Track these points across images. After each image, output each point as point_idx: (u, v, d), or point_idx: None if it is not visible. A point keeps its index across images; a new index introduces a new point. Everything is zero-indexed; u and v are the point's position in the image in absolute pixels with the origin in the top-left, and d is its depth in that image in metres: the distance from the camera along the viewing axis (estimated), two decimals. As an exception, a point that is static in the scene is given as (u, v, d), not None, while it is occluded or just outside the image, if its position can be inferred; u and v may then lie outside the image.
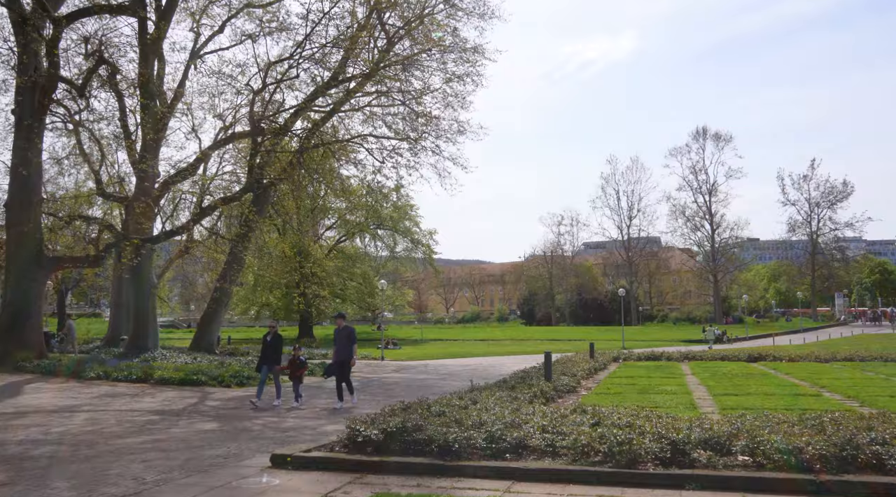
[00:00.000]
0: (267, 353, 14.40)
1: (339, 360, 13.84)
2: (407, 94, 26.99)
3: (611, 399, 13.68)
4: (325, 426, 10.97)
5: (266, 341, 14.51)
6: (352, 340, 13.90)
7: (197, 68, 26.61)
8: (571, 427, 8.06)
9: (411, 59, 25.48)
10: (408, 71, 26.64)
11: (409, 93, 26.25)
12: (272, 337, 14.45)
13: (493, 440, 7.49)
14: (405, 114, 27.33)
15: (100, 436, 10.01)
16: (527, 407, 9.69)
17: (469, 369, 24.92)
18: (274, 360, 14.29)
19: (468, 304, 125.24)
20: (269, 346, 14.42)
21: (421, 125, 27.12)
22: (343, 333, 13.89)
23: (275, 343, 14.42)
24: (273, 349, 14.38)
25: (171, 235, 26.15)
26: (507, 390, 12.67)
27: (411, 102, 26.80)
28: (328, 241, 54.52)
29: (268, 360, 14.27)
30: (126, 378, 18.66)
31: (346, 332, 13.89)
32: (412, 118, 27.16)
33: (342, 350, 13.84)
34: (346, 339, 13.83)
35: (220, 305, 29.46)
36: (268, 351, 14.40)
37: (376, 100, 27.57)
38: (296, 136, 24.51)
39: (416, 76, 26.86)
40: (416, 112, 26.84)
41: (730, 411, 11.65)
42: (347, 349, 13.79)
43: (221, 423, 11.33)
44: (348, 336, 13.85)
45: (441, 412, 8.86)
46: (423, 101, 27.21)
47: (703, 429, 7.45)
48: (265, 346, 14.55)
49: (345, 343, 13.81)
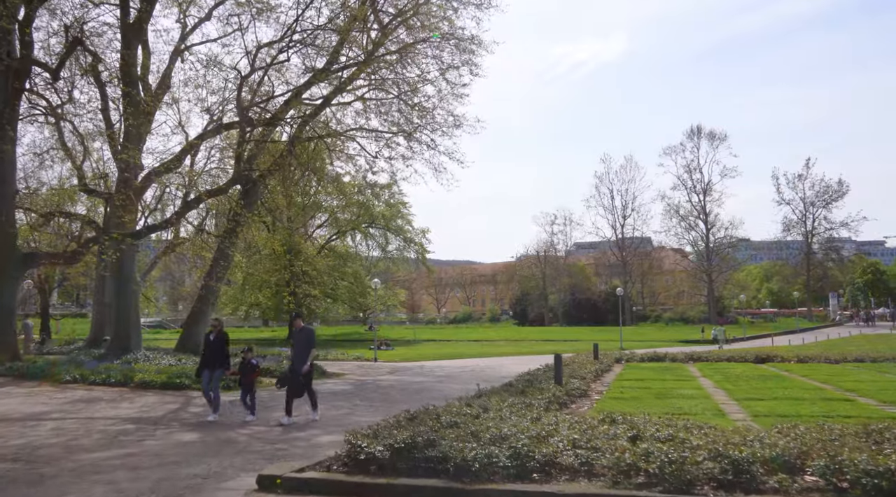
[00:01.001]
0: (209, 355, 12.25)
1: (297, 369, 11.69)
2: (402, 85, 26.00)
3: (628, 404, 12.63)
4: (320, 437, 9.85)
5: (208, 341, 12.46)
6: (310, 344, 11.80)
7: (184, 60, 25.42)
8: (605, 440, 6.99)
9: (407, 47, 24.39)
10: (403, 61, 25.62)
11: (404, 83, 25.16)
12: (216, 336, 12.34)
13: (519, 458, 6.39)
14: (400, 107, 26.40)
15: (64, 449, 8.85)
16: (548, 416, 8.60)
17: (467, 371, 23.88)
18: (219, 363, 12.16)
19: (459, 304, 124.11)
20: (211, 346, 12.33)
21: (416, 118, 26.18)
22: (302, 336, 11.82)
23: (219, 343, 12.31)
24: (217, 351, 12.23)
25: (155, 230, 24.88)
26: (518, 396, 11.59)
27: (406, 95, 25.83)
28: (319, 240, 53.33)
29: (210, 364, 12.13)
30: (104, 381, 17.50)
31: (305, 335, 11.83)
32: (407, 111, 26.22)
33: (301, 354, 11.67)
34: (305, 343, 11.73)
35: (208, 304, 28.20)
36: (210, 353, 12.25)
37: (370, 93, 26.61)
38: (288, 125, 23.30)
39: (412, 66, 25.85)
40: (411, 105, 25.87)
41: (763, 419, 10.65)
42: (307, 353, 11.69)
43: (203, 434, 10.18)
44: (308, 339, 11.79)
45: (453, 423, 7.75)
46: (418, 93, 26.26)
47: (764, 444, 6.37)
48: (207, 346, 12.47)
49: (304, 348, 11.69)
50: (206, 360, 12.22)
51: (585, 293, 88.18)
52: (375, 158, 26.69)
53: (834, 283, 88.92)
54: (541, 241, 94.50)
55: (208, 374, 12.09)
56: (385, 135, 26.76)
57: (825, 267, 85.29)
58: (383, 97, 26.53)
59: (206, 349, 12.42)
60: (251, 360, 12.41)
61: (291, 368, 11.72)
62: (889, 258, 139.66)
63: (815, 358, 25.17)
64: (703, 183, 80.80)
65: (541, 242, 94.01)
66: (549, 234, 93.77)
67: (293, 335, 11.97)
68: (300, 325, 11.97)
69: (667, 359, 26.40)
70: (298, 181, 29.95)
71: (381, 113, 26.78)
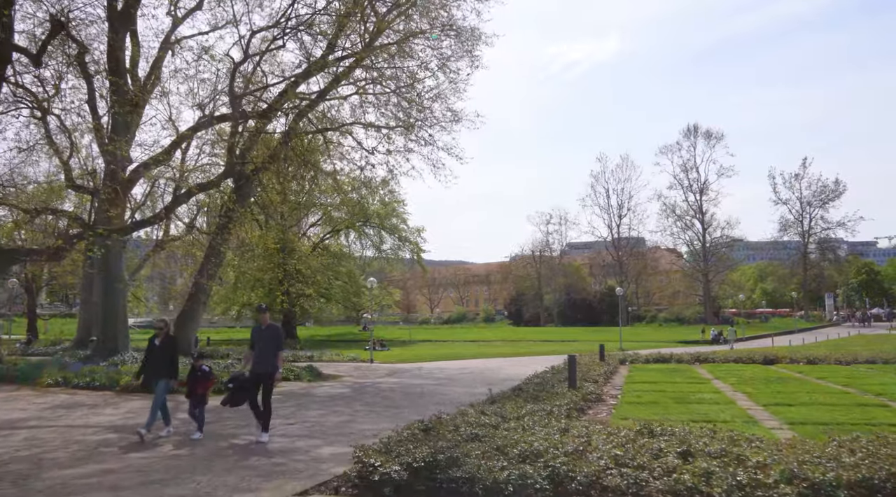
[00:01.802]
0: (153, 361, 10.17)
1: (258, 372, 9.76)
2: (401, 78, 25.17)
3: (648, 410, 11.82)
4: (321, 449, 8.94)
5: (152, 346, 10.30)
6: (278, 345, 9.96)
7: (174, 53, 24.47)
8: (650, 457, 6.14)
9: (407, 37, 23.52)
10: (401, 53, 24.77)
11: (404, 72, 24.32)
12: (162, 340, 10.20)
13: (558, 479, 5.54)
14: (398, 101, 25.63)
15: (35, 465, 7.92)
16: (576, 426, 7.74)
17: (468, 373, 23.03)
18: (165, 371, 10.05)
19: (453, 304, 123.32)
20: (156, 352, 10.20)
21: (415, 113, 25.40)
22: (267, 335, 9.91)
23: (166, 349, 10.20)
24: (162, 357, 10.12)
25: (143, 226, 23.92)
26: (534, 401, 10.75)
27: (404, 89, 25.04)
28: (313, 238, 52.39)
29: (155, 372, 10.08)
30: (88, 385, 16.55)
31: (271, 334, 9.94)
32: (405, 106, 25.44)
33: (264, 358, 9.76)
34: (270, 342, 9.85)
35: (199, 303, 27.22)
36: (154, 359, 10.16)
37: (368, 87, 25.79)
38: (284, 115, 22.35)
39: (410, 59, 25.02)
40: (409, 99, 25.11)
41: (801, 427, 9.84)
42: (272, 356, 9.80)
43: (192, 445, 9.26)
44: (274, 338, 9.92)
45: (474, 435, 6.89)
46: (416, 87, 25.46)
47: (842, 464, 5.53)
48: (150, 352, 10.33)
49: (269, 348, 9.82)
50: (149, 368, 10.18)
51: (581, 293, 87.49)
52: (372, 154, 25.95)
53: (829, 283, 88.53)
54: (536, 240, 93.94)
55: (164, 386, 10.03)
56: (383, 129, 26.00)
57: (821, 267, 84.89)
58: (380, 92, 25.81)
59: (149, 356, 10.31)
60: (202, 367, 10.47)
61: (252, 371, 9.83)
62: (881, 258, 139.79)
63: (824, 359, 24.55)
64: (699, 182, 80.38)
65: (536, 242, 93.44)
66: (545, 234, 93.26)
67: (256, 332, 9.99)
68: (267, 321, 10.09)
69: (672, 360, 25.72)
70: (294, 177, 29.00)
71: (379, 106, 26.01)
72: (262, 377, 9.73)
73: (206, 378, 10.38)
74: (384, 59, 24.94)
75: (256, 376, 9.76)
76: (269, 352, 9.78)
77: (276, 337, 9.97)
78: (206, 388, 10.31)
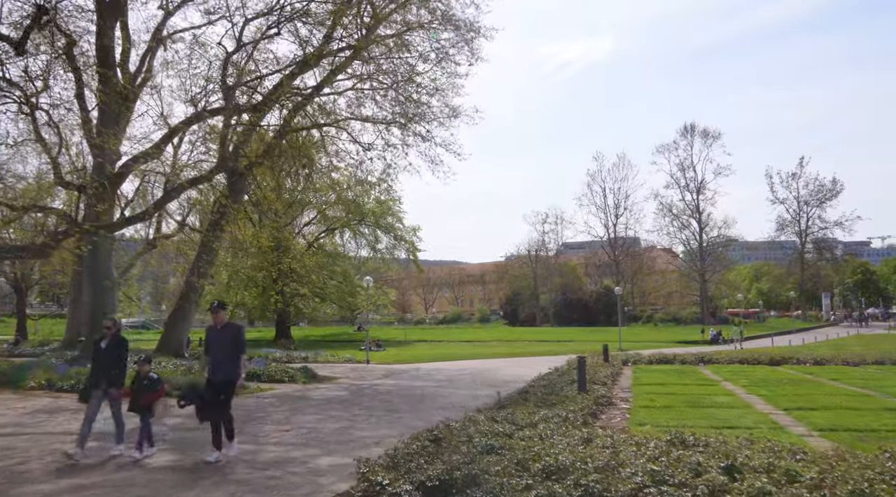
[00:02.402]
0: (101, 366, 8.61)
1: (215, 382, 8.22)
2: (399, 70, 24.55)
3: (664, 415, 11.20)
4: (319, 459, 8.25)
5: (98, 350, 8.78)
6: (239, 348, 8.38)
7: (166, 48, 23.73)
8: (688, 472, 5.49)
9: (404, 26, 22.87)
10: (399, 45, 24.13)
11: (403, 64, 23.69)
12: (109, 342, 8.71)
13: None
14: (395, 96, 25.04)
15: (6, 479, 7.22)
16: (601, 436, 7.08)
17: (467, 374, 22.38)
18: (112, 377, 8.51)
19: (447, 304, 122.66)
20: (103, 356, 8.66)
21: (412, 108, 24.82)
22: (225, 336, 8.38)
23: (113, 352, 8.65)
24: (110, 361, 8.58)
25: (132, 222, 23.15)
26: (545, 406, 10.10)
27: (401, 85, 24.45)
28: (308, 237, 51.65)
29: (102, 379, 8.51)
30: (73, 388, 15.72)
31: (230, 334, 8.41)
32: (402, 101, 24.85)
33: (223, 362, 8.24)
34: (229, 344, 8.31)
35: (190, 303, 26.46)
36: (102, 364, 8.61)
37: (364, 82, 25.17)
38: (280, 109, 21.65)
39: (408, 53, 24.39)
40: (406, 96, 24.55)
41: (832, 434, 9.21)
42: (232, 361, 8.27)
43: (179, 455, 8.56)
44: (234, 340, 8.36)
45: (490, 447, 6.23)
46: (414, 82, 24.85)
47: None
48: (97, 355, 8.74)
49: (228, 351, 8.29)
50: (97, 375, 8.58)
51: (577, 293, 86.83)
52: (369, 150, 25.36)
53: (826, 283, 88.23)
54: (532, 239, 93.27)
55: (98, 398, 8.49)
56: (380, 125, 25.42)
57: (818, 267, 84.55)
58: (377, 87, 25.22)
59: (96, 360, 8.72)
60: (149, 374, 8.87)
61: (209, 380, 8.29)
62: (875, 258, 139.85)
63: (831, 360, 24.13)
64: (696, 181, 79.81)
65: (532, 241, 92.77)
66: (541, 234, 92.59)
67: (212, 334, 8.46)
68: (223, 320, 8.53)
69: (676, 361, 25.23)
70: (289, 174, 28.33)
71: (376, 101, 25.42)
72: (220, 386, 8.15)
73: (151, 388, 8.69)
74: (382, 54, 24.36)
75: (214, 387, 8.15)
76: (227, 356, 8.26)
77: (235, 338, 8.38)
78: (151, 400, 8.60)
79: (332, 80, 24.15)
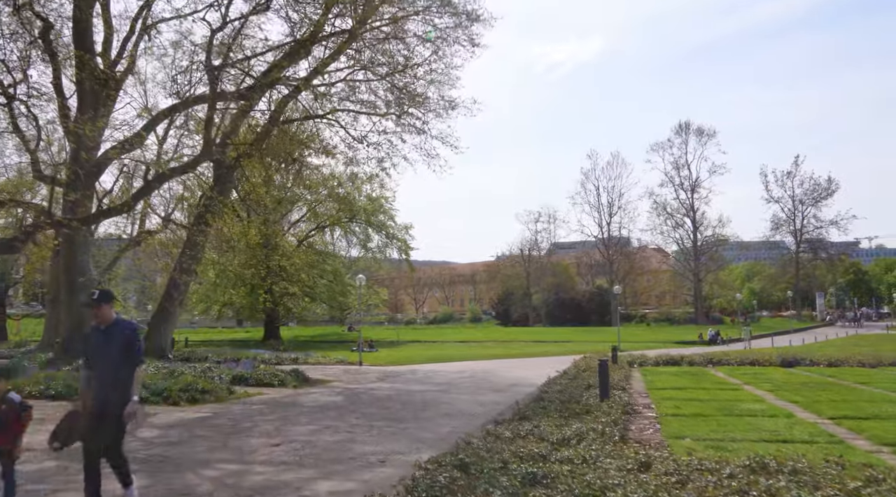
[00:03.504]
0: None
1: (98, 411, 5.56)
2: (395, 58, 23.42)
3: (701, 426, 10.04)
4: (316, 483, 7.01)
5: None
6: (131, 357, 5.71)
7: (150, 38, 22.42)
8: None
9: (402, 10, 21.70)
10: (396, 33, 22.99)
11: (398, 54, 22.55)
12: None
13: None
14: (389, 86, 23.97)
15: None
16: (658, 458, 5.89)
17: (467, 377, 21.26)
18: None
19: (438, 304, 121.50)
20: None
21: (407, 99, 23.75)
22: (115, 338, 5.69)
23: None
24: None
25: (110, 215, 21.80)
26: (570, 416, 8.93)
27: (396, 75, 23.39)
28: (298, 234, 50.30)
29: None
30: (42, 393, 14.43)
31: (122, 337, 5.72)
32: (398, 89, 23.76)
33: (108, 383, 5.57)
34: (118, 353, 5.64)
35: (174, 302, 25.12)
36: None
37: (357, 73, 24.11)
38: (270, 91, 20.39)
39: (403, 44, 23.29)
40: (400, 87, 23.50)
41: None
42: (121, 380, 5.59)
43: (150, 477, 7.29)
44: (126, 344, 5.70)
45: (532, 476, 5.03)
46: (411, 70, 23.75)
47: None
48: None
49: (115, 363, 5.61)
50: None
51: (569, 293, 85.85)
52: (362, 142, 24.26)
53: (819, 283, 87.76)
54: (524, 239, 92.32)
55: None
56: (374, 116, 24.33)
57: (812, 266, 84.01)
58: (371, 78, 24.14)
59: None
60: (11, 397, 5.66)
61: (98, 401, 5.58)
62: (865, 259, 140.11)
63: (844, 361, 23.29)
64: (690, 180, 79.06)
65: (524, 240, 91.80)
66: (533, 233, 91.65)
67: (95, 337, 5.81)
68: (110, 318, 5.78)
69: (683, 362, 24.25)
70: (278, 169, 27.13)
71: (371, 90, 24.32)
72: (103, 419, 5.51)
73: (15, 416, 5.60)
74: (378, 39, 23.24)
75: (95, 417, 5.54)
76: (114, 371, 5.58)
77: (127, 342, 5.72)
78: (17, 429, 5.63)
79: (325, 69, 23.00)
